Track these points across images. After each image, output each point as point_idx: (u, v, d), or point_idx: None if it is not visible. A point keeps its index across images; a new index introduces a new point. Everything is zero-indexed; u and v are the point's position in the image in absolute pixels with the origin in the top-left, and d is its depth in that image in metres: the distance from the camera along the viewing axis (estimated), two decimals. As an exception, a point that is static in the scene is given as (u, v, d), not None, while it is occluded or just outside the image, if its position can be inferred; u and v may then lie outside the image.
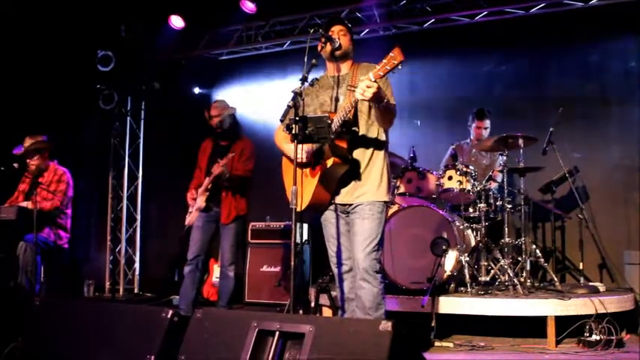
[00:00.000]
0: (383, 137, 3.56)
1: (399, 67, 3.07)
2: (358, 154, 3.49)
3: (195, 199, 5.19)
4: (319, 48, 3.51)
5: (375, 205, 3.47)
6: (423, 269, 4.76)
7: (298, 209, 3.09)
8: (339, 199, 3.55)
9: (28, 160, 5.74)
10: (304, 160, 3.44)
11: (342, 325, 2.33)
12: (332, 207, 3.58)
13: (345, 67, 3.62)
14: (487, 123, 6.00)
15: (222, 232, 5.18)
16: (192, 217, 5.19)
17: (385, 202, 3.53)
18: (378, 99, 3.19)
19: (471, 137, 6.10)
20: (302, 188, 3.38)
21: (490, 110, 6.05)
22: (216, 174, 4.99)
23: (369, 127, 3.53)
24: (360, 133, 3.50)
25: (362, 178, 3.49)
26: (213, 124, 5.23)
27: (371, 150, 3.52)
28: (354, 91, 3.24)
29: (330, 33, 3.54)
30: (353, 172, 3.48)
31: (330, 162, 3.38)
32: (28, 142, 5.82)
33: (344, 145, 3.38)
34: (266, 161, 5.14)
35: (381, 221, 3.49)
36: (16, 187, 5.96)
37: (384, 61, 3.08)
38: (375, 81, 3.09)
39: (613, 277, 5.83)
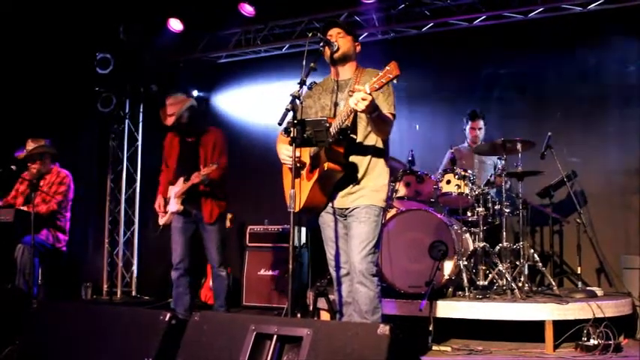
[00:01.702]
0: (381, 144, 3.55)
1: (395, 82, 3.11)
2: (356, 159, 3.48)
3: (163, 210, 5.01)
4: (321, 52, 3.51)
5: (372, 209, 3.46)
6: (421, 273, 4.76)
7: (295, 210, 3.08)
8: (337, 203, 3.54)
9: (28, 164, 5.72)
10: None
11: (339, 329, 2.33)
12: (330, 210, 3.58)
13: (348, 70, 3.60)
14: (481, 123, 6.02)
15: (205, 234, 4.97)
16: (167, 218, 5.00)
17: (382, 207, 3.52)
18: (370, 110, 3.19)
19: (468, 140, 6.12)
20: (299, 191, 3.39)
21: (483, 112, 6.06)
22: (194, 182, 4.80)
23: (367, 133, 3.51)
24: (359, 140, 3.49)
25: (360, 183, 3.48)
26: (169, 124, 4.92)
27: (369, 156, 3.51)
28: None
29: (328, 37, 3.53)
30: (350, 177, 3.48)
31: (326, 166, 3.38)
32: (30, 145, 5.78)
33: (341, 150, 3.37)
34: (264, 165, 5.13)
35: (378, 224, 3.48)
36: (14, 187, 5.94)
37: (380, 74, 3.09)
38: (370, 93, 3.09)
39: (611, 282, 5.84)
